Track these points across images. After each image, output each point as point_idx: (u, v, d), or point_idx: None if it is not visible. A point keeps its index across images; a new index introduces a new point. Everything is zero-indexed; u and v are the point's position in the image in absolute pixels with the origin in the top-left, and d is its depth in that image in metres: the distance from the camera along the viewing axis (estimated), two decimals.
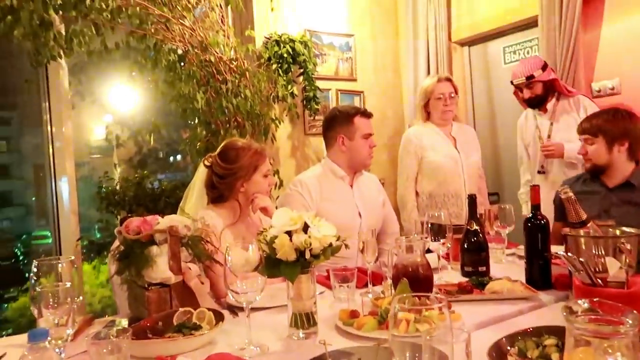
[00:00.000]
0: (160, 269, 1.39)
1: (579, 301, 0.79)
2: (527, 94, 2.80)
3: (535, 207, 1.67)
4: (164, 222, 1.44)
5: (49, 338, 0.86)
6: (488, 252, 1.85)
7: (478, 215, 2.01)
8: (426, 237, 1.72)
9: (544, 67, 2.77)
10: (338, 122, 2.33)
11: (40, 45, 2.37)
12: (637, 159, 2.19)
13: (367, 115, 2.35)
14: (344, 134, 2.30)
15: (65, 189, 3.01)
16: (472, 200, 1.89)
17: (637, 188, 2.14)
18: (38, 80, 3.08)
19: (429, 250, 1.92)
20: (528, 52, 3.59)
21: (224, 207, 1.90)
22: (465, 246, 1.85)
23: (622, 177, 2.17)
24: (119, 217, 2.89)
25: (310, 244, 1.21)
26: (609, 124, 2.16)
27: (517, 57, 3.65)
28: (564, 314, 0.76)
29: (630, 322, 0.71)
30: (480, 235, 1.85)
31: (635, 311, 0.74)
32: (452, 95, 2.83)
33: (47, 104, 3.06)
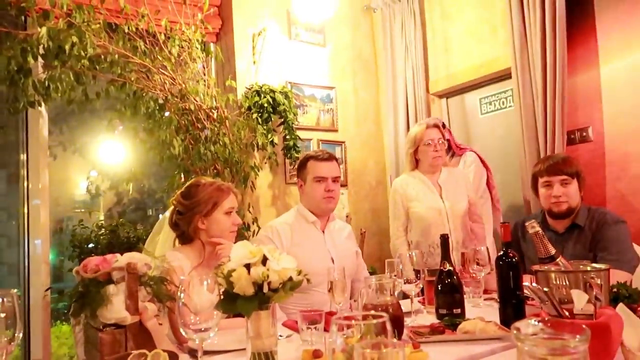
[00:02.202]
0: (116, 309, 1.33)
1: (530, 321, 0.76)
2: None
3: (507, 245, 1.65)
4: (122, 259, 1.39)
5: None
6: (462, 293, 1.80)
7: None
8: (395, 276, 1.68)
9: (444, 125, 2.92)
10: (298, 168, 2.37)
11: (19, 91, 2.39)
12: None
13: (320, 158, 2.30)
14: (300, 178, 2.34)
15: (38, 245, 2.93)
16: (444, 240, 1.86)
17: (583, 228, 2.17)
18: (18, 130, 3.08)
19: (405, 296, 1.88)
20: (503, 103, 3.69)
21: (190, 248, 1.86)
22: (439, 288, 1.80)
23: (570, 220, 2.20)
24: None
25: (269, 277, 1.17)
26: (579, 167, 2.21)
27: (493, 108, 3.75)
28: (514, 332, 0.73)
29: (579, 337, 0.68)
30: (455, 276, 1.81)
31: (587, 328, 0.71)
32: (442, 141, 2.78)
33: (25, 155, 3.03)
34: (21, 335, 1.02)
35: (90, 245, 2.89)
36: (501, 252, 1.64)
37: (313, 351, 1.29)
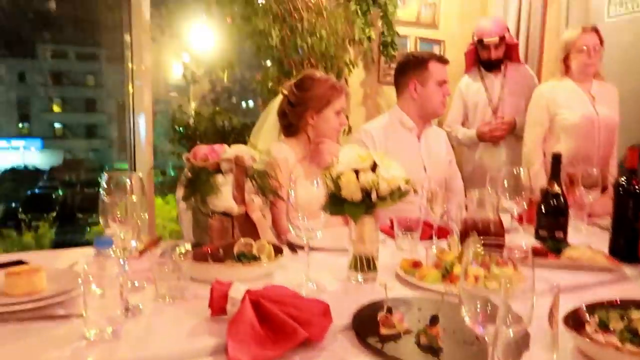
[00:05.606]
0: (224, 198, 1.39)
1: None
2: (494, 54, 2.94)
3: (631, 172, 1.50)
4: (230, 151, 1.43)
5: (112, 247, 0.87)
6: (568, 217, 1.71)
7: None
8: (501, 193, 1.60)
9: (508, 30, 2.98)
10: (411, 67, 2.20)
11: None
12: None
13: (443, 61, 2.21)
14: (417, 80, 2.18)
15: (142, 124, 3.11)
16: (556, 160, 1.73)
17: None
18: (121, 11, 3.14)
19: None
20: (638, 5, 3.18)
21: (295, 140, 1.88)
22: (543, 209, 1.71)
23: None
24: None
25: (378, 185, 1.14)
26: None
27: (623, 11, 3.25)
28: None
29: None
30: (562, 198, 1.70)
31: None
32: (597, 48, 2.54)
33: (129, 37, 3.12)
34: (147, 216, 1.10)
35: (188, 130, 3.02)
36: (624, 178, 1.50)
37: (413, 261, 1.29)
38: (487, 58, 2.97)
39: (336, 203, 1.18)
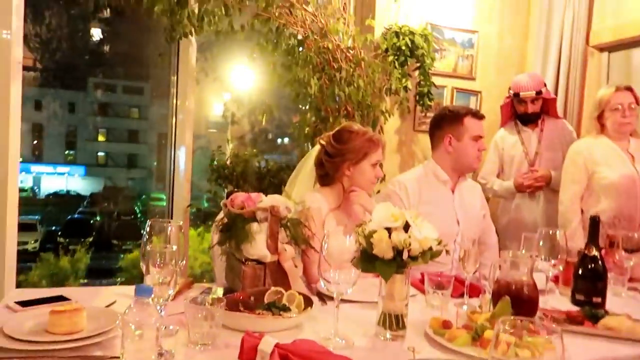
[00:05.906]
0: (258, 246, 1.42)
1: None
2: (531, 108, 2.93)
3: None
4: (266, 200, 1.47)
5: (152, 295, 0.91)
6: (606, 282, 1.66)
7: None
8: (536, 256, 1.58)
9: (545, 85, 2.99)
10: (447, 122, 2.23)
11: (176, 22, 2.55)
12: None
13: (478, 116, 2.22)
14: (452, 134, 2.20)
15: (182, 158, 3.24)
16: (594, 222, 1.70)
17: None
18: (170, 55, 3.34)
19: None
20: None
21: (330, 190, 1.91)
22: (580, 272, 1.67)
23: None
24: (226, 190, 3.05)
25: (410, 245, 1.16)
26: None
27: None
28: None
29: None
30: (600, 262, 1.66)
31: None
32: (633, 106, 2.51)
33: (175, 78, 3.31)
34: (185, 262, 1.14)
35: (225, 170, 3.11)
36: None
37: (443, 321, 1.27)
38: (524, 112, 2.96)
39: (367, 260, 1.19)
